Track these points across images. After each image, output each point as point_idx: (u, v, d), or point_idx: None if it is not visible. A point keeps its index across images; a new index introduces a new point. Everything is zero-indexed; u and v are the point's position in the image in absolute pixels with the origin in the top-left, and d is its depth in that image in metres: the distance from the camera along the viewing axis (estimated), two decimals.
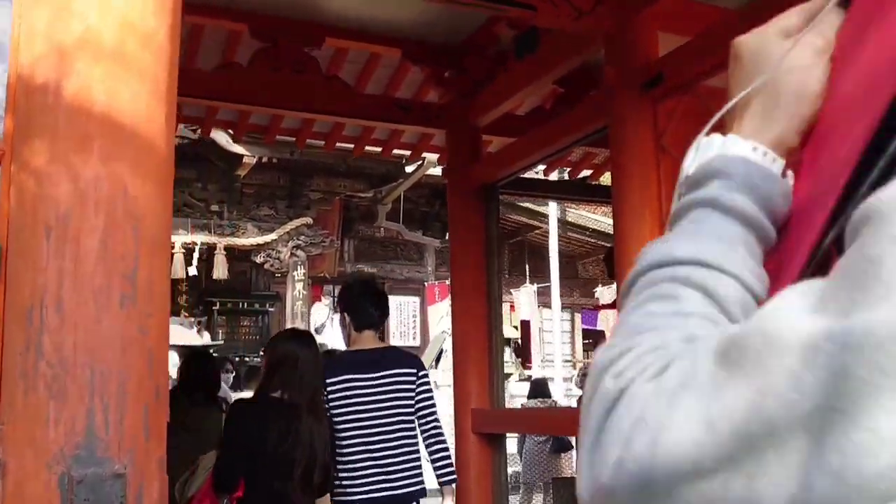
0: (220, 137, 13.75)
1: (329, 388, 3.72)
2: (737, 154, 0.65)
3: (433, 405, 4.14)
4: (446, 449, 4.17)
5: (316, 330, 14.96)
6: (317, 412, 3.49)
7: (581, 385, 9.72)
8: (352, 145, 7.31)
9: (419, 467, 4.01)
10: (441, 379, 14.42)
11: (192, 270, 14.80)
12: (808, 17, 0.68)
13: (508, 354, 15.50)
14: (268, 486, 3.27)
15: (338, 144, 7.43)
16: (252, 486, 3.26)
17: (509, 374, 14.97)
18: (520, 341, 17.81)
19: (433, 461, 4.16)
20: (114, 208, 1.69)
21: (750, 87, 0.67)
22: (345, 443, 3.80)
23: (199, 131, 13.79)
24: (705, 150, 0.67)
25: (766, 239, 0.63)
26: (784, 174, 0.65)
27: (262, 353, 5.55)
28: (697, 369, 0.49)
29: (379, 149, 7.58)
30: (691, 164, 0.68)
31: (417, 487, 3.96)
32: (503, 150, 5.98)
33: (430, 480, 4.31)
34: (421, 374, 4.05)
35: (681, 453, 0.46)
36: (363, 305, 4.00)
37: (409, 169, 15.40)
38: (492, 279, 5.83)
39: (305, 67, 5.87)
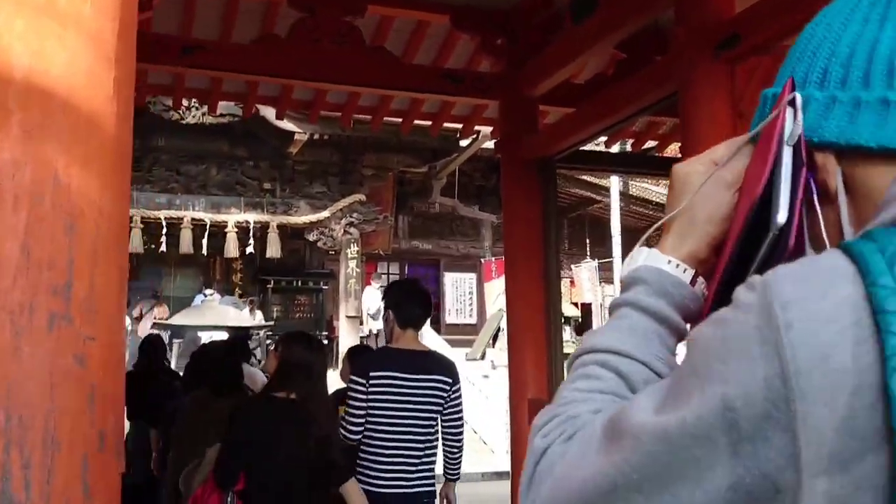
0: (271, 114, 13.53)
1: (371, 381, 3.80)
2: (655, 266, 0.84)
3: (461, 416, 4.28)
4: (461, 450, 4.39)
5: (372, 316, 14.66)
6: (325, 414, 3.56)
7: None
8: (399, 119, 6.97)
9: (433, 470, 4.15)
10: (498, 359, 14.09)
11: (248, 249, 14.71)
12: (733, 150, 0.84)
13: (569, 334, 15.11)
14: (276, 485, 3.30)
15: (388, 119, 7.12)
16: (260, 484, 3.29)
17: (568, 356, 14.61)
18: (580, 319, 17.35)
19: (447, 458, 4.33)
20: (40, 202, 1.32)
21: (674, 211, 0.85)
22: (376, 434, 3.89)
23: (248, 108, 13.58)
24: (635, 259, 0.86)
25: (677, 330, 0.83)
26: (694, 281, 0.84)
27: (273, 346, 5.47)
28: (592, 437, 0.71)
29: (428, 123, 7.22)
30: (624, 270, 0.87)
31: (429, 489, 4.09)
32: (560, 121, 5.56)
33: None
34: (455, 385, 4.09)
35: (569, 499, 0.70)
36: (408, 304, 4.03)
37: (463, 143, 14.98)
38: (549, 257, 5.45)
39: (347, 38, 5.52)
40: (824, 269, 0.60)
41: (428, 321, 4.23)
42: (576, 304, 17.63)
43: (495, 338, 15.59)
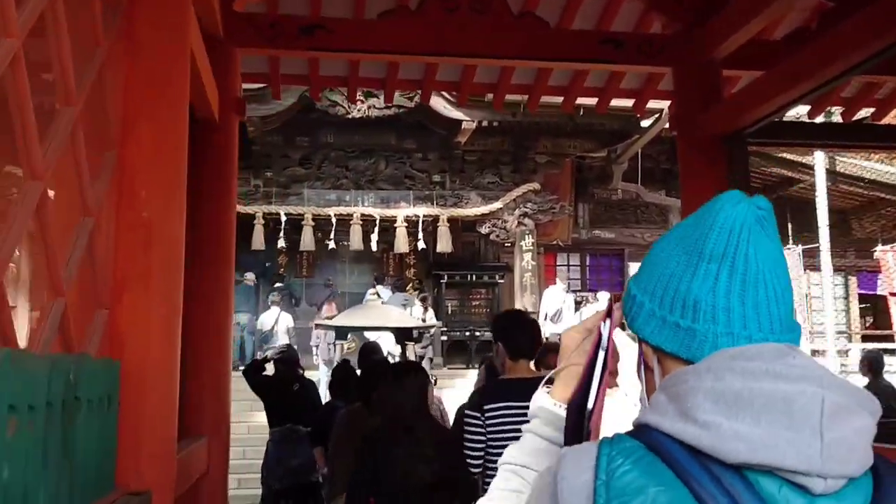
0: (438, 103, 13.00)
1: (487, 414, 3.75)
2: (545, 405, 1.28)
3: None
4: None
5: (551, 318, 13.68)
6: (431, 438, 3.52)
7: (864, 373, 7.80)
8: (560, 98, 6.09)
9: None
10: None
11: (420, 244, 14.27)
12: (597, 324, 1.23)
13: None
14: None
15: (549, 100, 6.25)
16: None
17: None
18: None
19: None
20: None
21: (558, 368, 1.28)
22: (493, 465, 3.70)
23: (414, 98, 13.19)
24: (537, 399, 1.29)
25: (559, 444, 1.21)
26: None
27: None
28: None
29: (593, 100, 6.31)
30: (532, 405, 1.30)
31: None
32: (751, 87, 4.52)
33: None
34: None
35: None
36: (516, 336, 3.88)
37: (644, 123, 13.80)
38: None
39: (489, 6, 4.75)
40: (585, 458, 0.95)
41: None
42: None
43: None
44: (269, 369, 6.93)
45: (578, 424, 1.15)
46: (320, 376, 13.03)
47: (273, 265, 16.74)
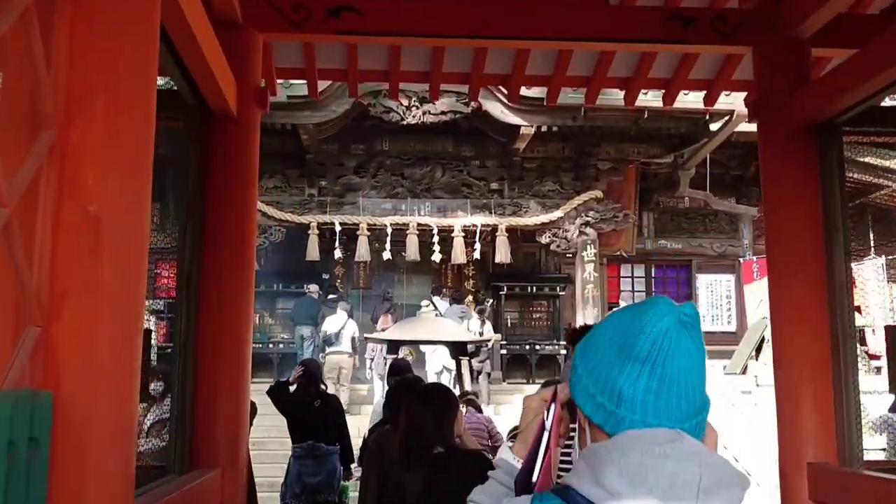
0: (494, 108, 12.50)
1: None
2: (506, 458, 1.54)
3: None
4: None
5: None
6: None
7: None
8: (621, 93, 5.49)
9: None
10: (763, 375, 12.03)
11: (478, 254, 13.74)
12: (550, 398, 1.45)
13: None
14: None
15: (610, 99, 5.65)
16: None
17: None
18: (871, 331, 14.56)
19: None
20: None
21: (522, 427, 1.53)
22: None
23: (470, 104, 12.68)
24: (502, 450, 1.58)
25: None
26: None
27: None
28: None
29: (659, 99, 5.71)
30: (498, 454, 1.60)
31: None
32: (844, 66, 3.89)
33: None
34: None
35: None
36: None
37: (713, 126, 13.05)
38: (834, 257, 3.85)
39: None
40: None
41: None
42: (858, 309, 14.94)
43: (759, 349, 13.45)
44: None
45: (526, 483, 1.40)
46: (374, 391, 12.60)
47: (331, 277, 16.43)
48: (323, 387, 6.65)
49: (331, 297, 14.43)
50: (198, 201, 3.62)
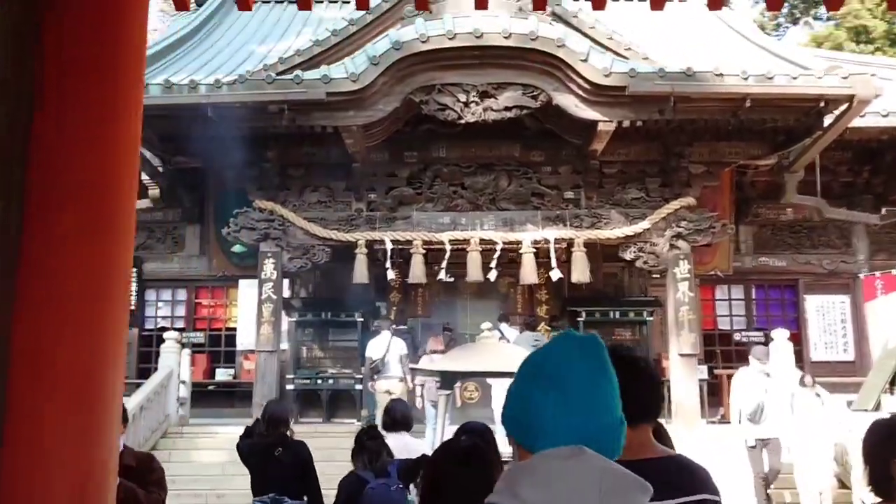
0: (567, 101, 10.68)
1: None
2: None
3: None
4: None
5: (749, 417, 9.76)
6: None
7: None
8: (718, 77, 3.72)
9: None
10: None
11: (555, 274, 11.84)
12: None
13: None
14: None
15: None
16: None
17: None
18: None
19: None
20: None
21: None
22: None
23: (539, 96, 10.91)
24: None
25: None
26: None
27: None
28: None
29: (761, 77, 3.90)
30: None
31: None
32: None
33: None
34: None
35: None
36: (637, 388, 2.21)
37: (828, 120, 10.98)
38: None
39: None
40: None
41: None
42: None
43: (893, 381, 11.19)
44: None
45: None
46: (427, 425, 10.81)
47: (387, 304, 14.78)
48: (289, 432, 5.87)
49: (376, 322, 12.77)
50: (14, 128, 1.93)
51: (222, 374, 14.83)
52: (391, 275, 12.05)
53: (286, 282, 14.77)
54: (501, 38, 10.28)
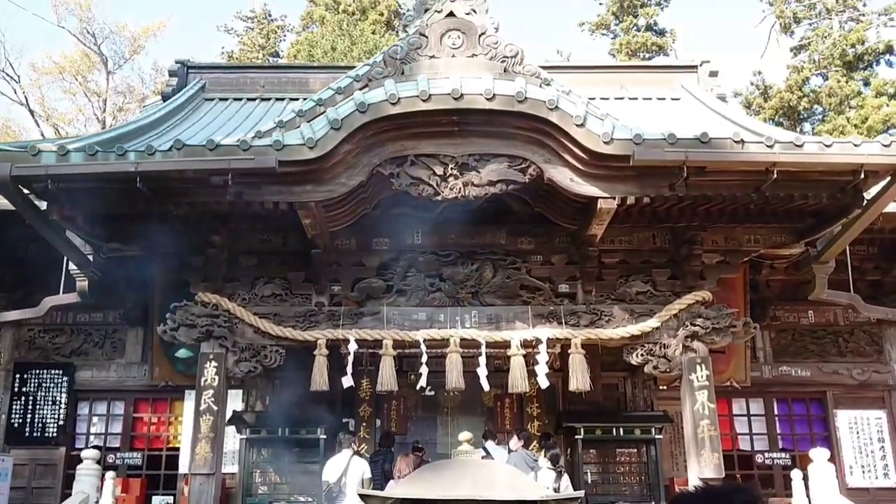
0: (562, 175, 9.12)
1: None
2: None
3: None
4: None
5: None
6: None
7: None
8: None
9: None
10: None
11: (543, 380, 10.03)
12: None
13: None
14: None
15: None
16: None
17: None
18: None
19: None
20: None
21: None
22: None
23: (528, 170, 9.41)
24: None
25: None
26: None
27: None
28: None
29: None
30: None
31: None
32: None
33: None
34: None
35: None
36: None
37: (868, 194, 9.41)
38: None
39: None
40: None
41: None
42: None
43: None
44: None
45: None
46: None
47: (356, 419, 12.87)
48: None
49: (337, 438, 10.83)
50: None
51: (159, 503, 12.67)
52: (348, 381, 10.11)
53: (239, 393, 12.91)
54: (484, 99, 8.78)
